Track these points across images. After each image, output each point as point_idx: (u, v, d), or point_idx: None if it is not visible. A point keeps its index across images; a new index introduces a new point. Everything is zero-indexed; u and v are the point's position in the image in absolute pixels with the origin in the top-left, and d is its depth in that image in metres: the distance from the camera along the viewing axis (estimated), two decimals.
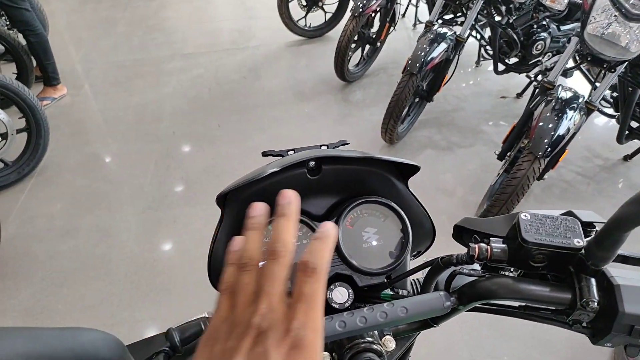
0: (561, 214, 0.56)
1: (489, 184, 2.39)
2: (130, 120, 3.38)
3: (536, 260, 0.53)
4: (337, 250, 0.69)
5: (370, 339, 0.60)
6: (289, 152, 0.77)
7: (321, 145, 0.78)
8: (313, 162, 0.71)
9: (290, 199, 0.43)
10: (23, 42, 3.41)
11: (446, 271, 0.63)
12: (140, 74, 3.97)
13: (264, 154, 0.77)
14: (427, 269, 0.68)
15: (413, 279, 0.77)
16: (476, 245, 0.55)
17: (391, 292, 0.70)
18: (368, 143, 2.97)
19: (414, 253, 0.80)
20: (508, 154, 2.26)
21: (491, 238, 0.57)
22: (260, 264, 0.39)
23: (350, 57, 3.41)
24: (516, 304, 0.58)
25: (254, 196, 0.70)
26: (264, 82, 3.73)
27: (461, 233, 0.65)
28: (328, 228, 0.40)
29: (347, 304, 0.65)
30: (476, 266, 0.61)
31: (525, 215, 0.53)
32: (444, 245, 0.76)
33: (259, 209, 0.44)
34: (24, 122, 2.77)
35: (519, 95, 3.35)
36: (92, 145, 3.14)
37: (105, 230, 2.48)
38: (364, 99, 3.47)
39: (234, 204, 0.70)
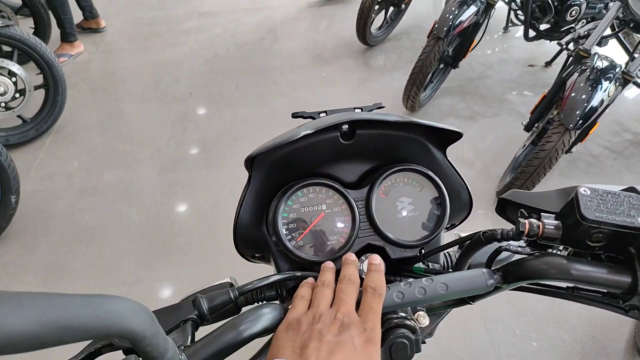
0: (622, 190, 0.51)
1: (513, 156, 2.32)
2: (148, 79, 3.34)
3: (593, 240, 0.49)
4: (370, 219, 0.66)
5: (403, 314, 0.57)
6: (321, 115, 0.72)
7: (355, 108, 0.73)
8: (347, 126, 0.66)
9: (353, 257, 0.58)
10: None
11: (485, 247, 0.59)
12: (157, 32, 3.89)
13: (294, 115, 0.72)
14: (461, 244, 0.64)
15: (445, 253, 0.74)
16: (526, 221, 0.51)
17: (423, 266, 0.66)
18: (388, 109, 2.89)
19: (448, 225, 0.76)
20: (536, 125, 2.18)
21: (542, 214, 0.53)
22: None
23: (373, 20, 3.29)
24: (564, 284, 0.54)
25: (283, 159, 0.66)
26: (283, 44, 3.63)
27: (505, 207, 0.60)
28: (379, 262, 0.56)
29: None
30: (521, 243, 0.57)
31: (585, 190, 0.49)
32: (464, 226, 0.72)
33: (331, 267, 0.58)
34: (41, 78, 2.74)
35: (548, 64, 3.22)
36: (110, 103, 3.11)
37: (123, 189, 2.48)
38: (385, 64, 3.37)
39: (262, 167, 0.66)
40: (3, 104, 2.61)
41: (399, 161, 0.69)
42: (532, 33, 2.83)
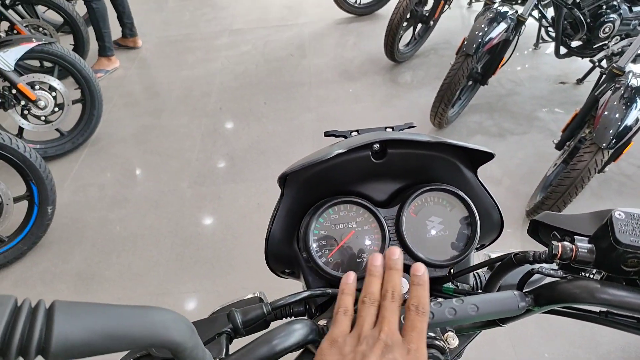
0: None
1: (544, 175, 2.28)
2: (180, 94, 3.43)
3: (628, 265, 0.48)
4: (400, 238, 0.66)
5: (432, 335, 0.57)
6: (353, 134, 0.74)
7: (386, 127, 0.74)
8: (378, 145, 0.68)
9: (397, 254, 0.55)
10: (80, 13, 3.51)
11: (517, 269, 0.59)
12: (190, 48, 4.01)
13: (327, 134, 0.74)
14: (492, 265, 0.64)
15: (475, 273, 0.73)
16: (560, 244, 0.51)
17: (453, 286, 0.67)
18: (415, 127, 2.89)
19: (478, 246, 0.76)
20: (567, 143, 2.15)
21: (575, 236, 0.52)
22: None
23: (401, 36, 3.31)
24: (597, 308, 0.53)
25: (315, 177, 0.68)
26: (311, 60, 3.68)
27: (537, 229, 0.60)
28: (423, 272, 0.52)
29: (406, 296, 0.63)
30: (554, 266, 0.57)
31: (620, 214, 0.48)
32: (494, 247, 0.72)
33: (379, 259, 0.55)
34: (79, 93, 2.85)
35: (580, 81, 3.17)
36: (143, 117, 3.21)
37: (154, 201, 2.55)
38: (413, 81, 3.37)
39: (294, 184, 0.68)
40: (43, 118, 2.73)
41: (429, 180, 0.70)
42: (563, 50, 2.79)
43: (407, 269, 0.65)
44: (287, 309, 0.67)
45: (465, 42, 2.39)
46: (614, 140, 1.78)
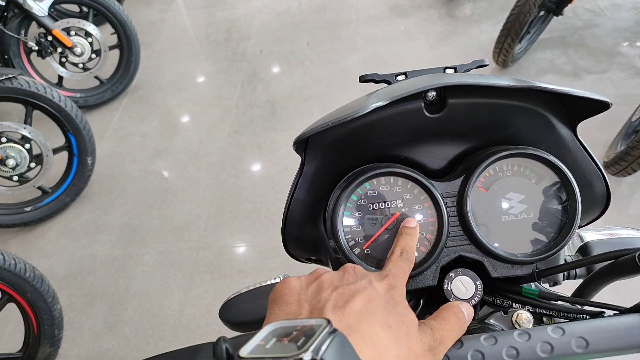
0: None
1: (626, 120, 1.96)
2: (219, 37, 3.25)
3: None
4: (464, 223, 0.48)
5: None
6: (399, 78, 0.54)
7: (446, 68, 0.54)
8: (434, 93, 0.48)
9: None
10: None
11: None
12: None
13: (363, 79, 0.55)
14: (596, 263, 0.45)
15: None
16: None
17: (537, 288, 0.48)
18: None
19: None
20: None
21: None
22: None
23: None
24: None
25: (347, 139, 0.50)
26: None
27: None
28: (415, 226, 0.47)
29: (473, 301, 0.46)
30: None
31: None
32: None
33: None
34: (115, 38, 2.74)
35: None
36: (182, 63, 3.08)
37: (194, 152, 2.45)
38: (473, 14, 3.00)
39: (318, 149, 0.50)
40: (81, 65, 2.65)
41: (505, 142, 0.50)
42: None
43: (474, 267, 0.48)
44: None
45: None
46: None
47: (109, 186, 2.35)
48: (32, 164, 2.09)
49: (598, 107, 0.47)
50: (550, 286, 0.55)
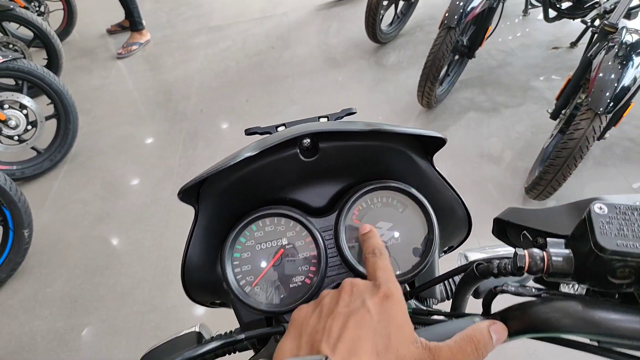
0: None
1: (541, 147, 2.14)
2: (159, 99, 3.31)
3: (618, 276, 0.35)
4: (340, 252, 0.54)
5: None
6: (279, 128, 0.61)
7: (320, 117, 0.61)
8: (308, 140, 0.55)
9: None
10: (54, 27, 3.39)
11: (486, 282, 0.46)
12: (168, 50, 3.87)
13: (248, 132, 0.62)
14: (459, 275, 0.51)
15: (444, 282, 0.61)
16: (526, 252, 0.38)
17: (415, 303, 0.54)
18: (404, 108, 2.75)
19: (445, 248, 0.63)
20: (562, 111, 2.00)
21: (548, 239, 0.40)
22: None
23: (383, 16, 3.16)
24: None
25: (235, 186, 0.55)
26: (293, 51, 3.54)
27: (505, 228, 0.47)
28: (369, 229, 0.50)
29: None
30: (526, 277, 0.44)
31: (601, 208, 0.35)
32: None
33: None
34: (52, 108, 2.74)
35: (573, 44, 3.00)
36: (123, 127, 3.09)
37: (137, 214, 2.44)
38: (400, 62, 3.22)
39: (209, 198, 0.55)
40: (16, 137, 2.62)
41: (378, 177, 0.57)
42: (552, 13, 2.64)
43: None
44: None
45: (447, 14, 2.24)
46: (612, 103, 1.63)
47: (48, 257, 2.28)
48: None
49: (440, 142, 0.54)
50: (434, 304, 0.61)
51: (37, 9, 3.94)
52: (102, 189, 2.64)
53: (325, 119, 0.61)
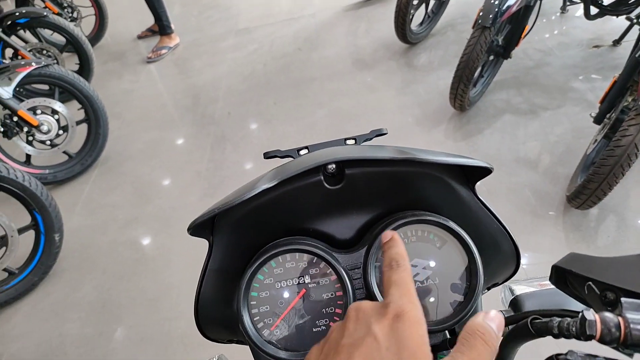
0: None
1: (584, 153, 2.02)
2: (188, 103, 3.32)
3: None
4: (369, 294, 0.48)
5: None
6: (302, 152, 0.55)
7: (346, 139, 0.55)
8: (333, 166, 0.49)
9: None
10: (86, 32, 3.45)
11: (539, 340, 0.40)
12: (196, 54, 3.89)
13: (267, 156, 0.56)
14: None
15: None
16: (597, 317, 0.31)
17: None
18: (435, 111, 2.66)
19: (488, 285, 0.57)
20: (607, 116, 1.88)
21: (623, 299, 0.33)
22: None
23: (413, 16, 3.06)
24: None
25: (252, 217, 0.50)
26: (321, 52, 3.49)
27: (565, 277, 0.41)
28: (392, 236, 0.44)
29: None
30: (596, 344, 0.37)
31: None
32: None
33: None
34: (83, 113, 2.78)
35: (616, 42, 2.83)
36: (152, 131, 3.11)
37: (165, 219, 2.44)
38: (430, 62, 3.12)
39: (225, 230, 0.50)
40: (48, 142, 2.66)
41: (410, 207, 0.51)
42: (594, 10, 2.50)
43: None
44: None
45: (481, 14, 2.14)
46: None
47: (78, 261, 2.30)
48: None
49: (484, 171, 0.48)
50: None
51: (70, 15, 4.03)
52: (131, 193, 2.66)
53: (353, 141, 0.55)
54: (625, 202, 1.94)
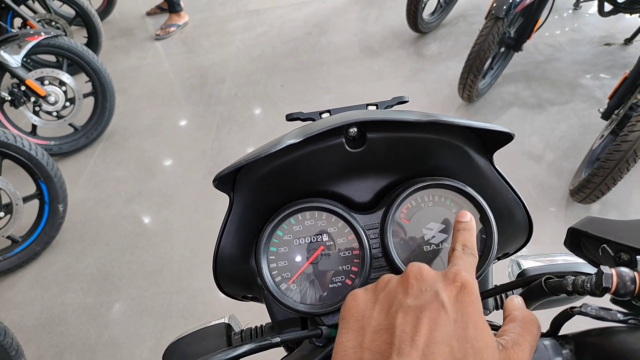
0: None
1: (589, 148, 2.03)
2: (195, 82, 3.31)
3: None
4: (386, 254, 0.49)
5: None
6: (323, 115, 0.56)
7: (368, 105, 0.56)
8: (355, 129, 0.50)
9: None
10: (95, 5, 3.43)
11: (552, 299, 0.41)
12: (205, 33, 3.87)
13: (289, 117, 0.57)
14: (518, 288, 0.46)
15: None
16: (613, 271, 0.33)
17: None
18: (443, 101, 2.66)
19: (499, 255, 0.58)
20: (615, 112, 1.88)
21: (638, 257, 0.34)
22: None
23: (425, 5, 3.05)
24: None
25: (273, 175, 0.51)
26: (330, 38, 3.47)
27: (580, 240, 0.42)
28: (470, 219, 0.42)
29: None
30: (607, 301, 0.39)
31: None
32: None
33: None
34: (90, 86, 2.77)
35: (628, 41, 2.82)
36: (158, 108, 3.11)
37: (168, 195, 2.45)
38: (440, 52, 3.12)
39: (246, 187, 0.51)
40: (55, 113, 2.66)
41: (429, 174, 0.52)
42: (608, 7, 2.48)
43: None
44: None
45: (494, 4, 2.13)
46: None
47: (81, 233, 2.32)
48: (1, 214, 2.06)
49: (505, 138, 0.49)
50: (486, 314, 0.56)
51: None
52: (136, 168, 2.67)
53: (374, 107, 0.56)
54: (627, 199, 1.95)
